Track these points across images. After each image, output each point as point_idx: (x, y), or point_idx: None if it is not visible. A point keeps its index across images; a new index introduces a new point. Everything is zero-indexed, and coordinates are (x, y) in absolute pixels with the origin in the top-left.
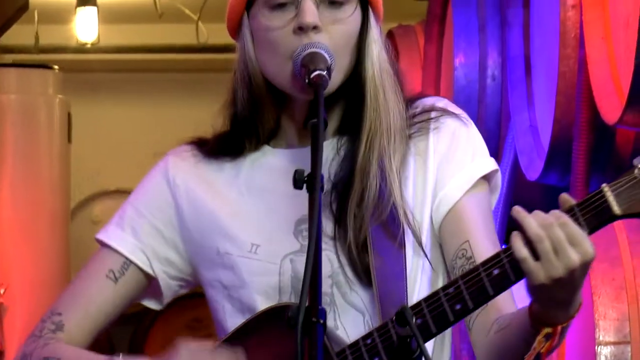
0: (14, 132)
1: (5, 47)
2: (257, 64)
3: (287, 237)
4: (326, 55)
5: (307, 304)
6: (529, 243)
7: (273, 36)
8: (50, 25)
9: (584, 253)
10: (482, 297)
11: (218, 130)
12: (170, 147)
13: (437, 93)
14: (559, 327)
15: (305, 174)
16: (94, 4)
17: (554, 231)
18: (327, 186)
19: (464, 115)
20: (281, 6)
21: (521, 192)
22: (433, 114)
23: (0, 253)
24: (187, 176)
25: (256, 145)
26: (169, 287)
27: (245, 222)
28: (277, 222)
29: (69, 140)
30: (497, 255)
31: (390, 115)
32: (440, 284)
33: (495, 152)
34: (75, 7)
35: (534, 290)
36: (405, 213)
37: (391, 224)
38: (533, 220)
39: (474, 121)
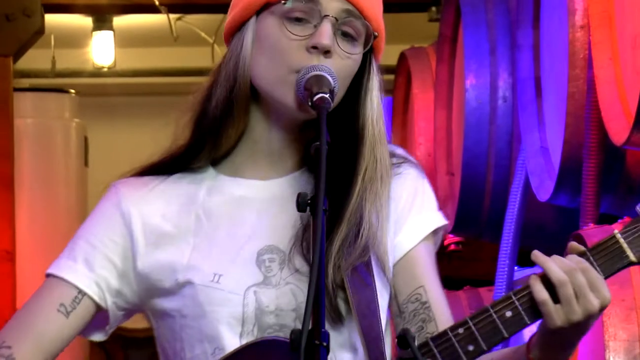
0: (30, 157)
1: (22, 71)
2: (249, 67)
3: (250, 267)
4: (330, 79)
5: (309, 327)
6: (549, 286)
7: (283, 45)
8: (66, 50)
9: (603, 299)
10: (496, 338)
11: (174, 142)
12: None
13: (449, 114)
14: None
15: (308, 197)
16: (110, 27)
17: (577, 276)
18: (297, 224)
19: (420, 166)
20: (300, 20)
21: (533, 214)
22: (394, 160)
23: (17, 277)
24: (141, 206)
25: (207, 161)
26: (116, 318)
27: (206, 252)
28: (239, 252)
29: (86, 164)
30: (508, 297)
31: (385, 161)
32: (388, 323)
33: (506, 173)
34: (92, 31)
35: (549, 332)
36: (382, 256)
37: (366, 266)
38: (555, 265)
39: (485, 143)
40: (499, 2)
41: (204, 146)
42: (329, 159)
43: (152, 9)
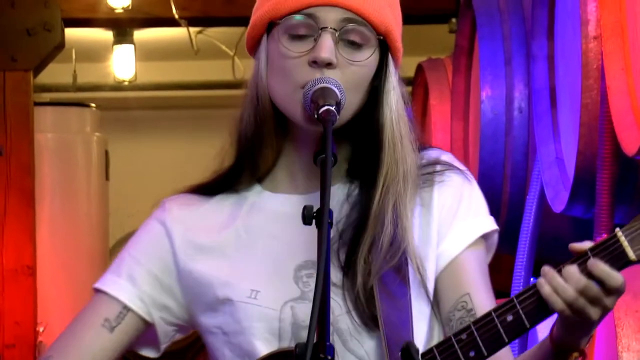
0: (51, 171)
1: (44, 85)
2: (267, 86)
3: (287, 283)
4: (337, 91)
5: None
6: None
7: (287, 64)
8: (87, 64)
9: (607, 306)
10: (496, 343)
11: (221, 164)
12: None
13: (465, 126)
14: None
15: (314, 209)
16: (131, 41)
17: (577, 302)
18: (333, 232)
19: (468, 172)
20: (300, 37)
21: (549, 225)
22: (438, 167)
23: (39, 292)
24: (185, 224)
25: (251, 181)
26: (166, 333)
27: (244, 268)
28: (277, 268)
29: (107, 178)
30: (510, 301)
31: (407, 162)
32: (436, 333)
33: (522, 184)
34: (112, 45)
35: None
36: (415, 260)
37: (397, 271)
38: (557, 297)
39: (501, 154)
40: (515, 13)
41: (244, 168)
42: (354, 165)
43: (172, 23)
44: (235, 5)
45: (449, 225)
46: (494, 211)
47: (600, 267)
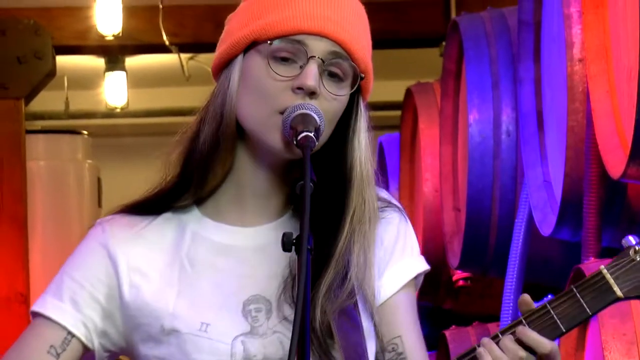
0: (44, 198)
1: (36, 113)
2: (236, 105)
3: (236, 317)
4: (316, 117)
5: None
6: None
7: (268, 86)
8: (79, 91)
9: None
10: None
11: (164, 179)
12: None
13: (454, 150)
14: None
15: (294, 236)
16: (123, 68)
17: None
18: (288, 268)
19: (404, 211)
20: (286, 60)
21: (538, 248)
22: (379, 203)
23: None
24: (128, 250)
25: (190, 201)
26: (101, 359)
27: (191, 300)
28: (225, 301)
29: (99, 204)
30: (495, 336)
31: (373, 203)
32: None
33: (511, 208)
34: (104, 72)
35: None
36: (371, 299)
37: (354, 309)
38: None
39: (489, 177)
40: (501, 36)
41: (191, 183)
42: (316, 201)
43: (163, 49)
44: None
45: (386, 263)
46: (483, 235)
47: (529, 335)
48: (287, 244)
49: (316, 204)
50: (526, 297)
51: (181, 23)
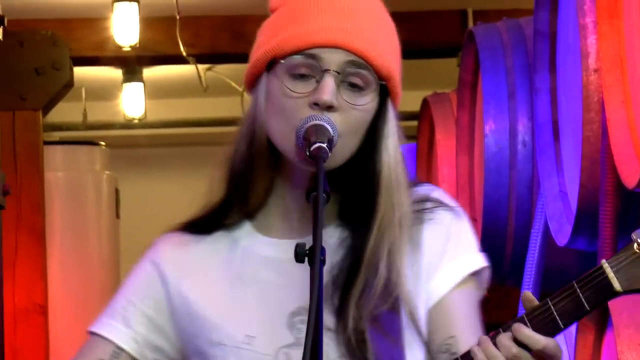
0: (62, 210)
1: (54, 124)
2: (265, 123)
3: (281, 329)
4: (329, 128)
5: None
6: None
7: (287, 103)
8: (97, 102)
9: None
10: None
11: (211, 197)
12: None
13: (471, 160)
14: None
15: (307, 247)
16: (140, 79)
17: None
18: (326, 277)
19: (458, 207)
20: (302, 77)
21: (555, 258)
22: (428, 204)
23: (50, 330)
24: (178, 265)
25: (240, 217)
26: None
27: (238, 313)
28: (271, 314)
29: (117, 216)
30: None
31: (403, 207)
32: None
33: (528, 218)
34: (122, 83)
35: None
36: (409, 305)
37: (391, 314)
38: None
39: (505, 188)
40: (517, 46)
41: (234, 202)
42: (348, 207)
43: (180, 60)
44: (243, 41)
45: (438, 263)
46: (500, 245)
47: (523, 332)
48: (299, 255)
49: (347, 210)
50: (528, 294)
51: (198, 34)
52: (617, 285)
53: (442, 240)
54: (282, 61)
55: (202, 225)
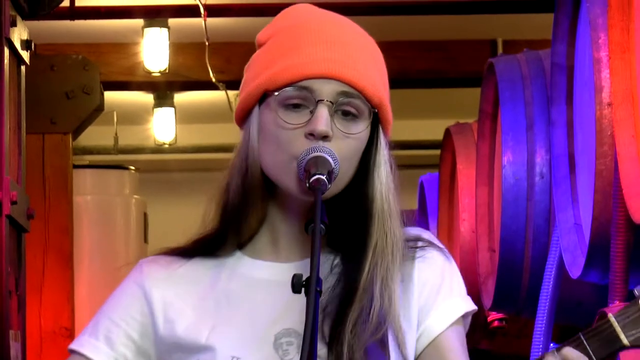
0: (90, 233)
1: (85, 148)
2: (259, 156)
3: (267, 350)
4: (330, 160)
5: None
6: None
7: (282, 135)
8: (128, 126)
9: None
10: None
11: (203, 229)
12: None
13: (490, 191)
14: None
15: (304, 277)
16: (172, 104)
17: None
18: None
19: (447, 251)
20: (296, 107)
21: (571, 290)
22: (420, 243)
23: None
24: (164, 287)
25: (232, 249)
26: None
27: (224, 333)
28: (256, 335)
29: (146, 240)
30: None
31: (396, 234)
32: None
33: (544, 250)
34: (153, 108)
35: None
36: (399, 334)
37: (381, 343)
38: None
39: (523, 219)
40: (536, 78)
41: (227, 235)
42: (341, 236)
43: (209, 86)
44: None
45: (433, 302)
46: (516, 276)
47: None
48: (296, 285)
49: (338, 237)
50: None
51: (228, 60)
52: (624, 340)
53: (436, 279)
54: (276, 93)
55: (190, 251)
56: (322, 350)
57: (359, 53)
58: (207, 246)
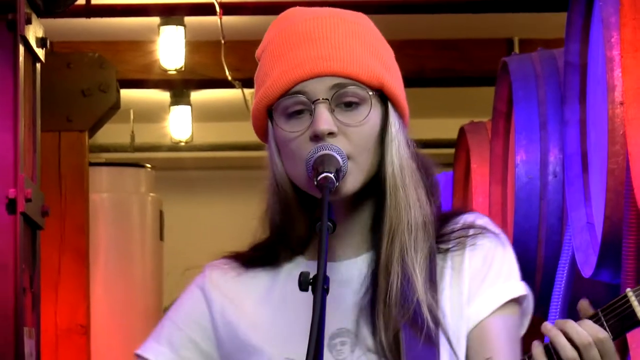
0: (106, 231)
1: (101, 146)
2: (284, 171)
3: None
4: (338, 158)
5: None
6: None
7: (292, 145)
8: (145, 124)
9: None
10: None
11: (258, 237)
12: None
13: (504, 190)
14: None
15: (311, 276)
16: (188, 102)
17: (590, 351)
18: (361, 291)
19: (502, 235)
20: (297, 113)
21: (585, 289)
22: (471, 231)
23: (93, 351)
24: (224, 291)
25: (291, 255)
26: None
27: (279, 337)
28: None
29: (161, 238)
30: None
31: (411, 212)
32: None
33: (557, 249)
34: (169, 106)
35: None
36: (430, 311)
37: (420, 323)
38: (565, 340)
39: (535, 218)
40: (550, 77)
41: (279, 249)
42: (369, 219)
43: (225, 84)
44: None
45: (478, 288)
46: (529, 275)
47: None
48: (303, 283)
49: (369, 222)
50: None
51: (244, 58)
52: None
53: (483, 266)
54: (274, 107)
55: (251, 260)
56: (370, 342)
57: (345, 41)
58: (266, 257)
